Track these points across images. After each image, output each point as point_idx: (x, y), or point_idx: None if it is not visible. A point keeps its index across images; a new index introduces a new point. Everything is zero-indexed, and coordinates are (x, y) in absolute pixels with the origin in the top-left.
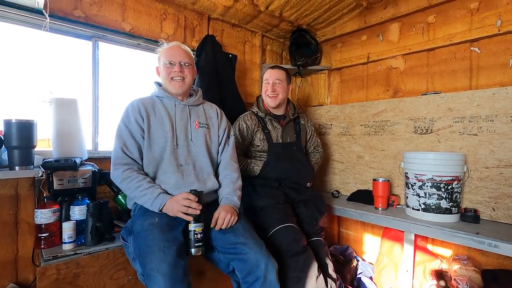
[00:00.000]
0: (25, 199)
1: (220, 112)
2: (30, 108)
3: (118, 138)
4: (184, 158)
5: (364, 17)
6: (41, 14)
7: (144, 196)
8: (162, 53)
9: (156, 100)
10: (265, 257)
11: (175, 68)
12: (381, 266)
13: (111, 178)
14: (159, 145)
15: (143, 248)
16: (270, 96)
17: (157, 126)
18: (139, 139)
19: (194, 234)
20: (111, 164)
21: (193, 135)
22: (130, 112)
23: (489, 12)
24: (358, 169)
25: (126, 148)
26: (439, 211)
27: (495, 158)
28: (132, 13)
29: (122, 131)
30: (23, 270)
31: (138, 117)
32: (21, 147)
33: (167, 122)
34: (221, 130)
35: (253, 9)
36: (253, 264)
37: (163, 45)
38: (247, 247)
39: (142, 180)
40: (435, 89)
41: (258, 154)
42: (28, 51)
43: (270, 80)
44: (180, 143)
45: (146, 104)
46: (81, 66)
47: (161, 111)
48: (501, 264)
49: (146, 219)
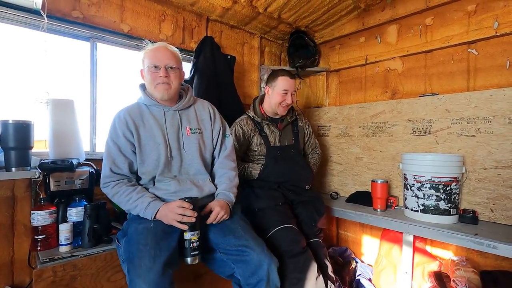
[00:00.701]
0: (22, 201)
1: (213, 111)
2: (27, 109)
3: (107, 157)
4: (177, 169)
5: (362, 19)
6: (39, 14)
7: (136, 208)
8: (146, 55)
9: (143, 108)
10: (268, 257)
11: (160, 72)
12: (380, 268)
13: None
14: (152, 158)
15: (133, 252)
16: (284, 107)
17: (148, 139)
18: (130, 155)
19: (190, 243)
20: (101, 182)
21: (185, 143)
22: (117, 127)
23: (486, 14)
24: (356, 171)
25: (116, 166)
26: (437, 212)
27: (493, 160)
28: (131, 14)
29: (110, 148)
30: (19, 273)
31: (127, 131)
32: (18, 148)
33: (158, 134)
34: (215, 132)
35: (252, 10)
36: (256, 265)
37: (148, 46)
38: (249, 249)
39: (131, 192)
40: (433, 90)
41: (256, 157)
42: (25, 51)
43: (290, 92)
44: (174, 154)
45: (133, 115)
46: (79, 67)
47: (150, 121)
48: (500, 265)
49: (141, 223)
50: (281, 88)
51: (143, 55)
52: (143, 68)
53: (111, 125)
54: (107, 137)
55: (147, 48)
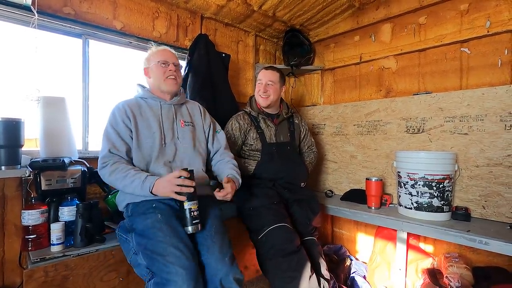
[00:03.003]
0: (12, 200)
1: (202, 110)
2: (18, 107)
3: (106, 140)
4: (172, 155)
5: (356, 18)
6: (29, 10)
7: (133, 182)
8: (154, 54)
9: (141, 102)
10: (226, 266)
11: (170, 67)
12: (374, 265)
13: (101, 176)
14: (147, 145)
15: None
16: (262, 97)
17: (144, 128)
18: (128, 140)
19: (190, 212)
20: (98, 163)
21: (179, 133)
22: (117, 114)
23: (478, 13)
24: (351, 169)
25: (115, 148)
26: (431, 210)
27: (485, 157)
28: (124, 11)
29: (109, 133)
30: (9, 273)
31: (125, 118)
32: (8, 146)
33: (154, 123)
34: (206, 127)
35: (246, 8)
36: (212, 273)
37: (153, 48)
38: (208, 253)
39: (129, 169)
40: (427, 89)
41: (252, 153)
42: (15, 48)
43: (263, 81)
44: (167, 141)
45: (132, 106)
46: (71, 64)
47: (147, 112)
48: (491, 261)
49: (147, 217)
50: (258, 78)
51: (149, 54)
52: (147, 67)
53: (111, 114)
54: (106, 125)
55: (153, 48)
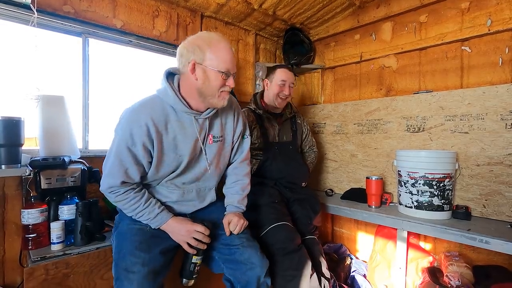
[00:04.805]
0: (12, 199)
1: (237, 114)
2: (17, 106)
3: (119, 165)
4: (190, 179)
5: (357, 16)
6: (28, 9)
7: (143, 215)
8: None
9: (169, 111)
10: (259, 259)
11: (230, 81)
12: (374, 264)
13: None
14: (168, 168)
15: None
16: (282, 98)
17: (170, 150)
18: (145, 164)
19: (195, 267)
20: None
21: (207, 152)
22: (135, 133)
23: (479, 12)
24: (351, 168)
25: (128, 177)
26: (431, 209)
27: (486, 156)
28: (124, 10)
29: (124, 156)
30: (10, 272)
31: (147, 140)
32: (8, 145)
33: (183, 144)
34: (236, 137)
35: (247, 7)
36: (247, 266)
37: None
38: (242, 249)
39: (138, 200)
40: (427, 88)
41: (254, 152)
42: (15, 47)
43: (288, 83)
44: (193, 165)
45: (157, 120)
46: (71, 63)
47: (175, 129)
48: (492, 260)
49: (136, 223)
50: (279, 78)
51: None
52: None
53: (125, 125)
54: (119, 140)
55: (209, 38)
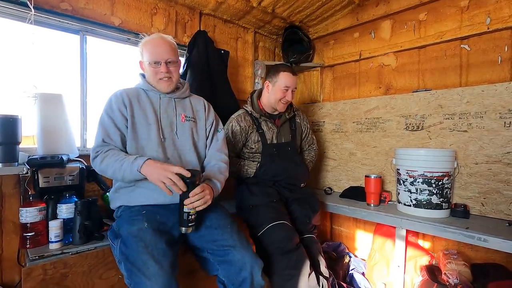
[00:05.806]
0: (10, 198)
1: (207, 105)
2: (14, 103)
3: (101, 129)
4: (171, 152)
5: (356, 14)
6: (25, 6)
7: (123, 164)
8: (145, 49)
9: (140, 91)
10: (252, 259)
11: (161, 68)
12: (373, 262)
13: (93, 167)
14: (143, 136)
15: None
16: (283, 103)
17: (141, 117)
18: (123, 129)
19: (189, 216)
20: (91, 153)
21: (178, 128)
22: (113, 102)
23: (478, 10)
24: (350, 166)
25: (108, 137)
26: (430, 207)
27: (484, 154)
28: (122, 7)
29: (104, 121)
30: (8, 271)
31: (122, 106)
32: (5, 143)
33: (151, 115)
34: (208, 123)
35: (246, 4)
36: (239, 266)
37: (145, 38)
38: (235, 250)
39: (119, 153)
40: (426, 86)
41: (252, 155)
42: (12, 44)
43: (291, 88)
44: (166, 136)
45: (130, 94)
46: (69, 60)
47: (145, 102)
48: (490, 258)
49: (133, 224)
50: (283, 84)
51: (141, 47)
52: (142, 61)
53: (107, 102)
54: (102, 113)
55: (144, 40)
